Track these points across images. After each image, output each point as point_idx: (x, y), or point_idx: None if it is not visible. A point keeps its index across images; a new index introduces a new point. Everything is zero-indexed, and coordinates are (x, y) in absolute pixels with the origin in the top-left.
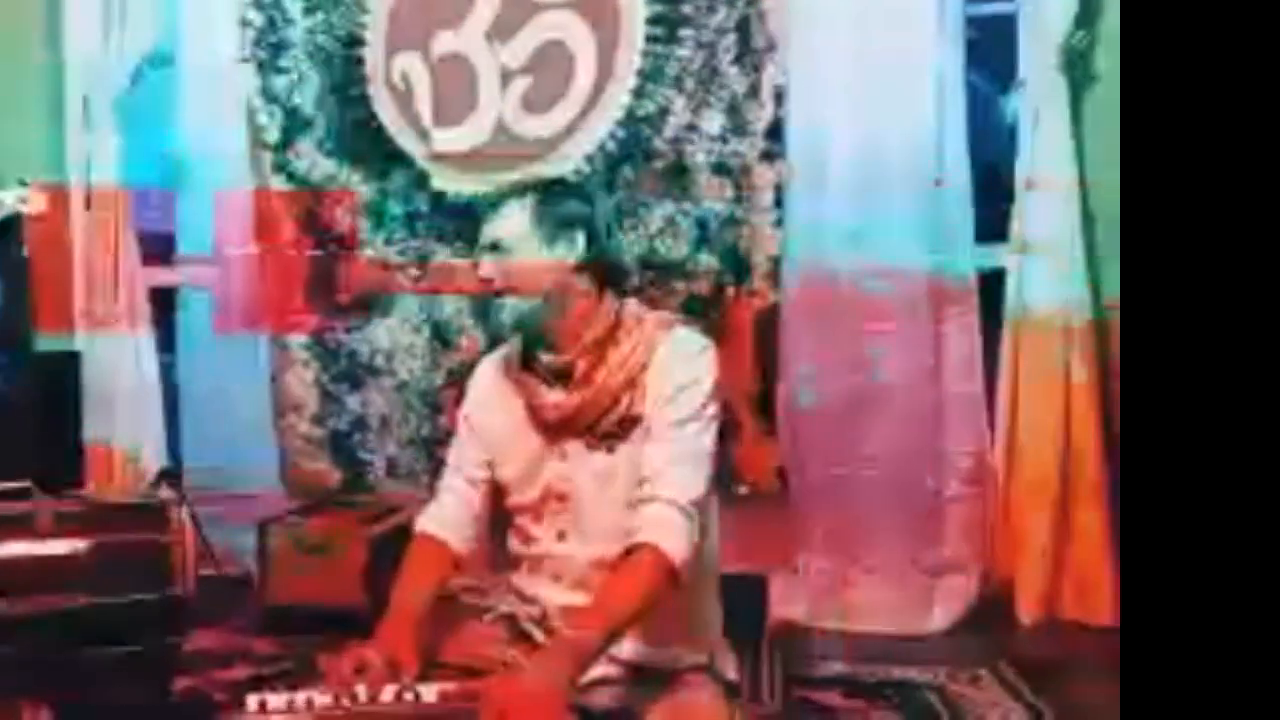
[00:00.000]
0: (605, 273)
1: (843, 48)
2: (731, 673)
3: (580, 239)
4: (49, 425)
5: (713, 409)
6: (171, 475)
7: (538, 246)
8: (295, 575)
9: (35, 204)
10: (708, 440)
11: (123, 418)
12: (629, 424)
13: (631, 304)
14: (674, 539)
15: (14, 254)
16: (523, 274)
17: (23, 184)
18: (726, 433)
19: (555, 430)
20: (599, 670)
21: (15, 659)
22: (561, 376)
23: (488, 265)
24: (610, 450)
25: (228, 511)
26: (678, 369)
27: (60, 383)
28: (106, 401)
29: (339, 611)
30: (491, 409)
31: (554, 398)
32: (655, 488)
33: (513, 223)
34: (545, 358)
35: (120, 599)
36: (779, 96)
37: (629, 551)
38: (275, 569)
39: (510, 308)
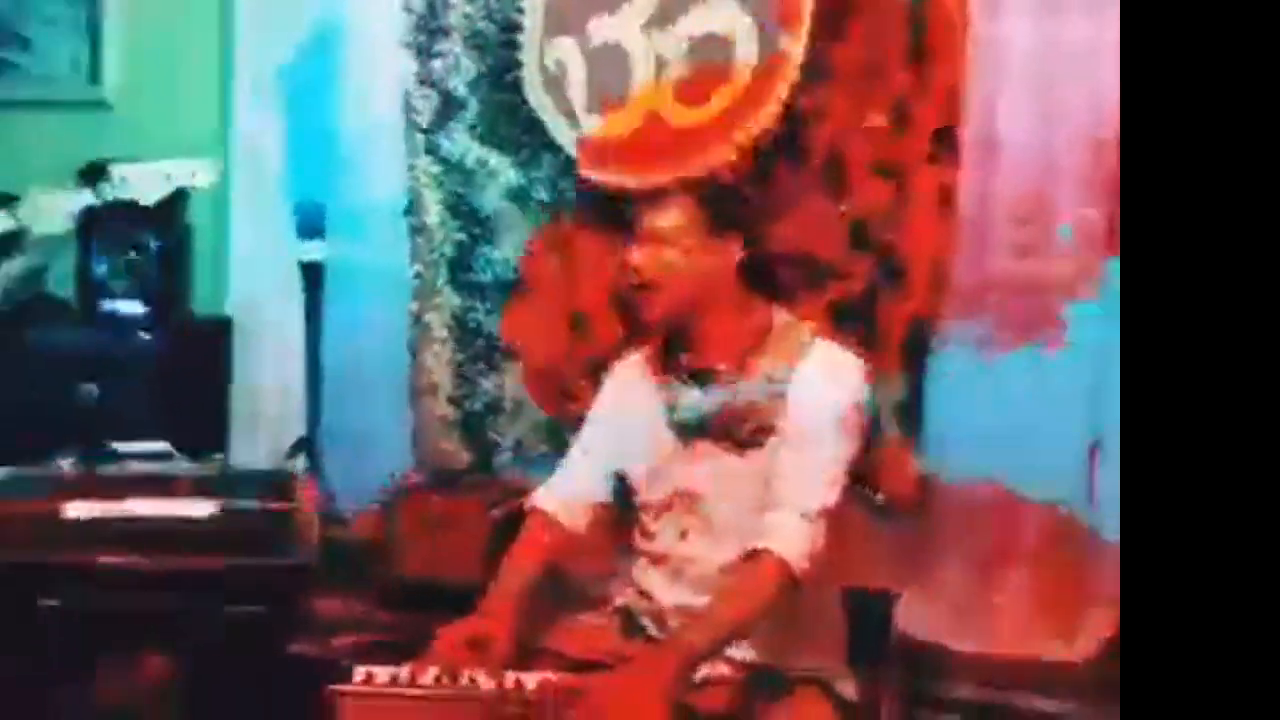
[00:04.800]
0: (758, 278)
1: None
2: (849, 692)
3: (736, 242)
4: (197, 390)
5: (853, 423)
6: (307, 444)
7: (697, 243)
8: (418, 551)
9: (205, 177)
10: (844, 451)
11: (267, 387)
12: (765, 432)
13: (783, 313)
14: (796, 547)
15: (179, 224)
16: (675, 268)
17: None
18: (868, 439)
19: (691, 432)
20: (710, 669)
21: (139, 612)
22: (701, 379)
23: (639, 254)
24: (743, 455)
25: (358, 484)
26: (821, 383)
27: (212, 349)
28: (253, 371)
29: (457, 588)
30: (627, 411)
31: (692, 399)
32: (784, 494)
33: (674, 214)
34: (686, 358)
35: (245, 562)
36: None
37: (749, 556)
38: (399, 543)
39: (662, 305)
